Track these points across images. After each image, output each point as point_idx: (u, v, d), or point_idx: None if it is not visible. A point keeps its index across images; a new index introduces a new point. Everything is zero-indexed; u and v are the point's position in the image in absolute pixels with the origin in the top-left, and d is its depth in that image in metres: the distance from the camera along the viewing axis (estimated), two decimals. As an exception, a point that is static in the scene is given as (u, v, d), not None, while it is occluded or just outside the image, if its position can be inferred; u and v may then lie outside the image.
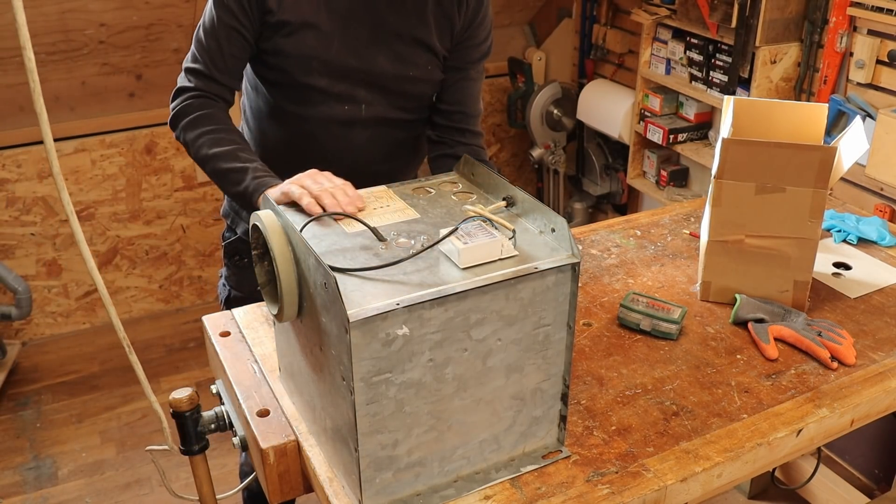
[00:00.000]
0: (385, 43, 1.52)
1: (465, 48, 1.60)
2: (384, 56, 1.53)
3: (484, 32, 1.61)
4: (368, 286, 0.96)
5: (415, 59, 1.55)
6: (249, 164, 1.41)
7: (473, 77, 1.66)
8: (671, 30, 2.81)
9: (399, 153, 1.67)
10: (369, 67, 1.52)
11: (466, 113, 1.66)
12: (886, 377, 1.32)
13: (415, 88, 1.59)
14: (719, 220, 1.46)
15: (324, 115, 1.55)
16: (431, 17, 1.53)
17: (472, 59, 1.63)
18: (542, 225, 1.08)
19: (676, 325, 1.39)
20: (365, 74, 1.53)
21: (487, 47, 1.65)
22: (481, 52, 1.64)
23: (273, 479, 1.17)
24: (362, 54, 1.51)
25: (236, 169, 1.41)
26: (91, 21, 2.71)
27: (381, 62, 1.53)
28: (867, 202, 2.24)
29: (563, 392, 1.11)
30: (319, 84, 1.52)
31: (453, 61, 1.61)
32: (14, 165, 2.96)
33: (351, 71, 1.52)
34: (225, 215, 1.77)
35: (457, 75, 1.62)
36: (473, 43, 1.60)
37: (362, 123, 1.58)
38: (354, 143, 1.59)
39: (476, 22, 1.58)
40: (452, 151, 1.65)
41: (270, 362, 1.31)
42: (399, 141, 1.65)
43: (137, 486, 2.51)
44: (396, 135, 1.64)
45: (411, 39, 1.53)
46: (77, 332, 3.28)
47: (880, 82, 2.22)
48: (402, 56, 1.54)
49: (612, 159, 3.45)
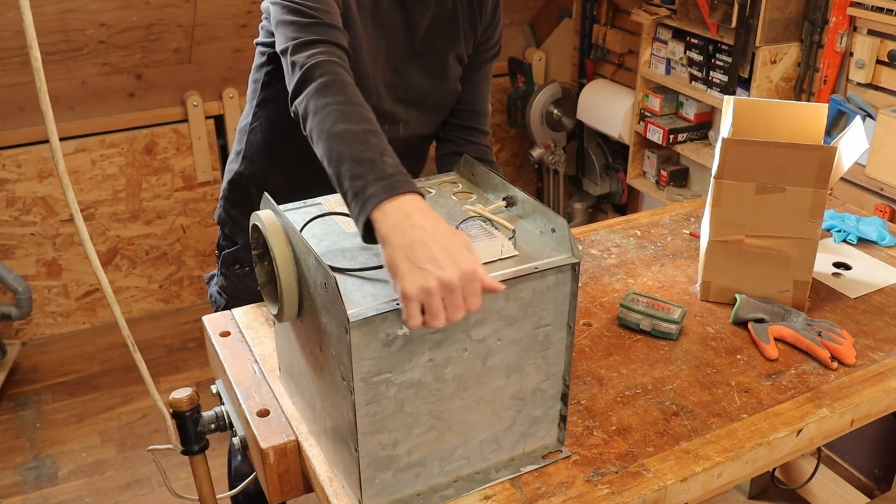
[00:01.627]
0: (421, 58, 1.51)
1: (482, 50, 1.61)
2: (420, 71, 1.52)
3: (497, 34, 1.62)
4: (368, 286, 0.96)
5: (449, 72, 1.55)
6: (386, 157, 1.04)
7: (485, 76, 1.66)
8: (671, 30, 2.81)
9: (416, 160, 1.68)
10: (406, 83, 1.51)
11: (477, 112, 1.66)
12: (886, 377, 1.32)
13: (448, 100, 1.60)
14: (719, 220, 1.46)
15: None
16: (462, 29, 1.53)
17: (486, 59, 1.63)
18: (542, 225, 1.08)
19: (676, 325, 1.39)
20: (402, 91, 1.51)
21: (499, 48, 1.65)
22: (494, 53, 1.64)
23: (273, 479, 1.17)
24: (400, 69, 1.50)
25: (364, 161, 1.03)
26: (91, 21, 2.71)
27: (418, 77, 1.52)
28: (867, 202, 2.23)
29: (563, 392, 1.11)
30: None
31: (470, 63, 1.61)
32: (14, 165, 2.96)
33: (389, 86, 1.50)
34: (221, 223, 1.67)
35: (471, 76, 1.62)
36: (489, 45, 1.61)
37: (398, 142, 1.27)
38: None
39: (493, 24, 1.59)
40: (460, 150, 1.64)
41: (270, 362, 1.31)
42: (423, 152, 1.67)
43: (137, 486, 2.51)
44: (421, 147, 1.66)
45: (446, 53, 1.53)
46: (77, 332, 3.28)
47: (880, 82, 2.22)
48: (436, 71, 1.53)
49: (612, 159, 3.45)
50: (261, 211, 1.08)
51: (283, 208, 1.16)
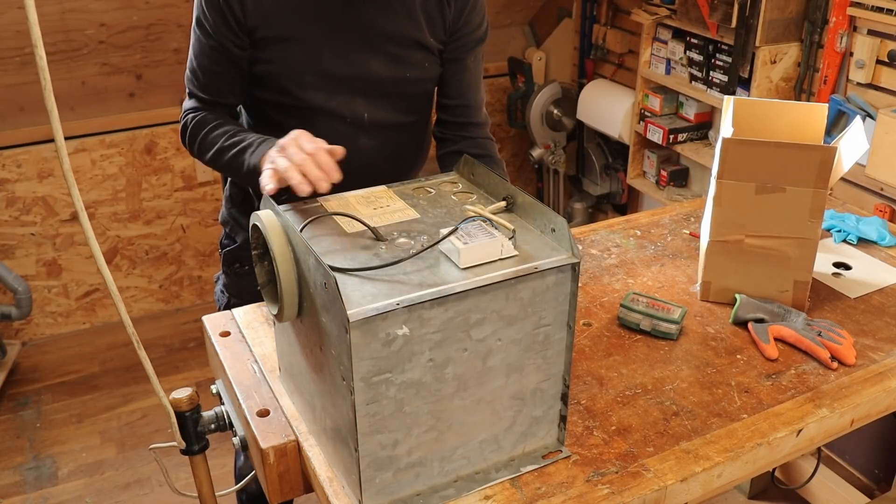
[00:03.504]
0: (377, 47, 1.49)
1: (461, 37, 1.56)
2: (378, 61, 1.50)
3: (478, 17, 1.57)
4: (368, 286, 0.96)
5: (410, 59, 1.52)
6: (244, 142, 1.39)
7: (471, 66, 1.61)
8: (671, 30, 2.81)
9: (405, 154, 1.65)
10: (364, 74, 1.50)
11: (468, 105, 1.63)
12: (886, 377, 1.32)
13: (414, 89, 1.57)
14: (719, 220, 1.46)
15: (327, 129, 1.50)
16: (421, 14, 1.50)
17: (469, 47, 1.59)
18: (542, 225, 1.08)
19: (676, 325, 1.39)
20: (361, 82, 1.50)
21: (483, 32, 1.60)
22: (477, 38, 1.59)
23: (273, 479, 1.17)
24: (355, 61, 1.48)
25: (236, 153, 1.39)
26: (91, 21, 2.71)
27: (376, 67, 1.50)
28: (867, 202, 2.24)
29: (563, 392, 1.11)
30: (316, 99, 1.49)
31: (450, 53, 1.57)
32: (14, 165, 2.96)
33: (346, 80, 1.49)
34: (224, 222, 1.73)
35: (455, 67, 1.59)
36: (468, 30, 1.56)
37: (367, 133, 1.55)
38: (361, 151, 1.55)
39: (468, 8, 1.54)
40: (458, 147, 1.63)
41: (270, 362, 1.31)
42: (405, 143, 1.63)
43: (137, 486, 2.51)
44: (401, 138, 1.62)
45: (404, 39, 1.50)
46: (77, 332, 3.29)
47: (880, 82, 2.22)
48: (396, 58, 1.51)
49: (612, 159, 3.45)
50: (261, 211, 1.08)
51: (283, 208, 1.16)
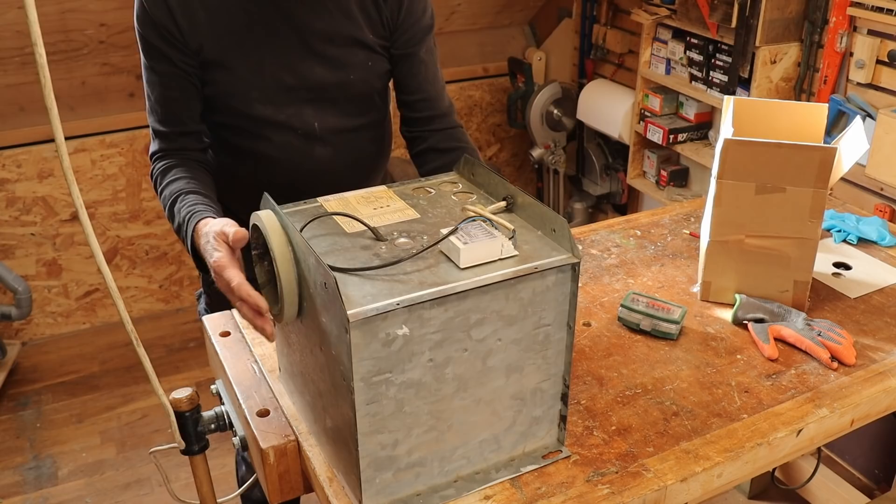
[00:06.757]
0: (317, 50, 1.47)
1: (406, 29, 1.53)
2: (321, 66, 1.48)
3: (420, 7, 1.53)
4: (368, 286, 0.96)
5: (352, 60, 1.50)
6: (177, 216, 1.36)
7: (424, 57, 1.58)
8: (671, 30, 2.81)
9: (364, 157, 1.63)
10: (308, 81, 1.48)
11: (427, 98, 1.60)
12: (886, 377, 1.32)
13: (360, 90, 1.54)
14: (720, 220, 1.46)
15: (282, 143, 1.51)
16: (357, 11, 1.47)
17: (418, 39, 1.55)
18: (542, 225, 1.08)
19: (676, 325, 1.39)
20: (306, 90, 1.49)
21: (429, 19, 1.56)
22: (424, 28, 1.55)
23: (273, 479, 1.17)
24: (297, 68, 1.47)
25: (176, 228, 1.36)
26: (91, 21, 2.71)
27: (319, 73, 1.48)
28: (867, 202, 2.24)
29: (563, 392, 1.11)
30: (265, 114, 1.48)
31: (400, 48, 1.54)
32: (14, 165, 2.96)
33: (291, 90, 1.48)
34: None
35: (408, 62, 1.56)
36: (411, 21, 1.53)
37: (321, 142, 1.54)
38: (317, 160, 1.55)
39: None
40: (428, 144, 1.61)
41: (270, 362, 1.31)
42: (361, 146, 1.61)
43: (137, 487, 2.51)
44: (357, 141, 1.59)
45: (343, 39, 1.47)
46: (77, 332, 3.29)
47: (880, 82, 2.22)
48: (338, 62, 1.48)
49: (612, 159, 3.45)
50: (261, 211, 1.08)
51: (283, 208, 1.16)
